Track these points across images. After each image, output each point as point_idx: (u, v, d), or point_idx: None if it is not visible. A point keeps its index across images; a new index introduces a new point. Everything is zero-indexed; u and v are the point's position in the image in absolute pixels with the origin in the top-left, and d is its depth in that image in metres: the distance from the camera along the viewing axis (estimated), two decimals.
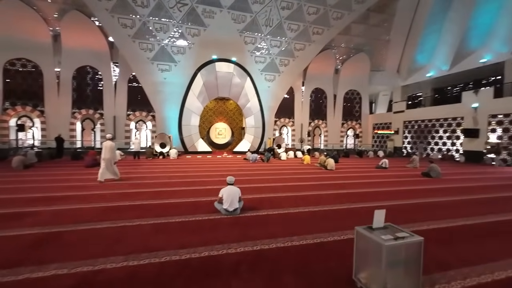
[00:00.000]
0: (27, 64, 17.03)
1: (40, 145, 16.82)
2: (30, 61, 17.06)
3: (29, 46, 16.63)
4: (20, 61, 16.86)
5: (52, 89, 17.62)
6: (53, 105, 17.66)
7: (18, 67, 16.84)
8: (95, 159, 9.44)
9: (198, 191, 5.74)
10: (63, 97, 17.89)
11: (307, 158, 12.08)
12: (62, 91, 17.83)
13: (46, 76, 17.42)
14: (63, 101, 17.89)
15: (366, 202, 4.99)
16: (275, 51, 19.64)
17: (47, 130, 17.61)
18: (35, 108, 17.30)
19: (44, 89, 17.44)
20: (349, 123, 24.54)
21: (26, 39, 16.44)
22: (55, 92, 17.71)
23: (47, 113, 17.58)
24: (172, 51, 17.93)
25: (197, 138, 17.60)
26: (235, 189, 4.12)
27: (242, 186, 6.14)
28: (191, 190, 5.77)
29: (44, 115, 17.54)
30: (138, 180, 6.98)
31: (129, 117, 19.44)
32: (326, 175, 8.50)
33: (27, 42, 16.51)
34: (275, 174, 8.45)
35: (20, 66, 16.89)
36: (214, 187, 5.83)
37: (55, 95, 17.72)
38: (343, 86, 23.94)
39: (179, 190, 5.76)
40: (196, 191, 5.74)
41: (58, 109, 17.76)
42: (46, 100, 17.52)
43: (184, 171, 8.80)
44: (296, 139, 22.78)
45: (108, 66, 18.76)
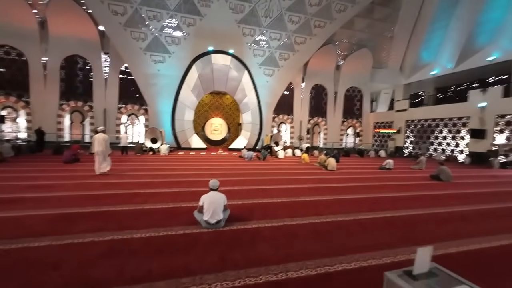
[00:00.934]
0: (10, 51, 16.03)
1: (25, 138, 15.96)
2: (14, 49, 16.05)
3: (13, 32, 15.60)
4: (3, 48, 15.85)
5: (38, 79, 16.64)
6: (39, 96, 16.70)
7: (1, 54, 15.82)
8: (74, 154, 8.63)
9: (181, 194, 4.98)
10: (50, 88, 16.93)
11: (306, 157, 11.36)
12: (49, 81, 16.87)
13: (32, 64, 16.43)
14: (50, 92, 16.93)
15: (375, 211, 4.26)
16: (274, 44, 18.78)
17: (32, 122, 16.64)
18: (19, 98, 16.34)
19: (30, 78, 16.46)
20: (349, 121, 23.83)
21: (9, 24, 15.41)
22: (42, 82, 16.74)
23: (32, 104, 16.63)
24: (166, 41, 17.00)
25: (191, 133, 16.79)
26: (219, 196, 3.36)
27: (233, 189, 5.43)
28: (173, 193, 5.01)
29: (30, 106, 16.58)
30: (115, 178, 6.20)
31: (120, 110, 18.54)
32: (326, 177, 7.78)
33: (11, 27, 15.49)
34: (271, 174, 7.71)
35: (3, 54, 15.88)
36: (200, 190, 5.07)
37: (42, 85, 16.76)
38: (344, 83, 23.16)
39: (158, 192, 5.00)
40: (178, 194, 4.98)
41: (44, 100, 16.81)
42: (31, 91, 16.55)
43: (172, 169, 8.03)
44: (295, 137, 22.04)
45: (98, 56, 17.79)
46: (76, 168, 7.61)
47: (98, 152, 6.67)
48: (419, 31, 20.32)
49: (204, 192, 3.47)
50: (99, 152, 6.68)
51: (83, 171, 7.13)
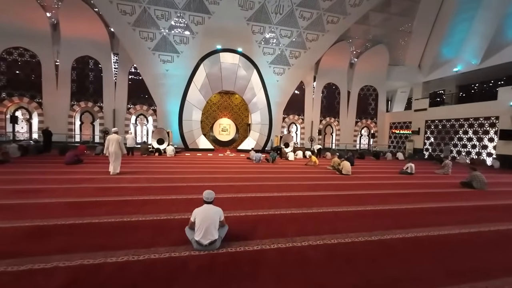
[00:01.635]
0: (24, 53, 16.32)
1: (34, 138, 16.17)
2: (27, 50, 16.34)
3: (26, 35, 15.89)
4: (17, 50, 16.16)
5: (51, 80, 16.87)
6: (51, 97, 16.93)
7: (15, 56, 16.15)
8: (76, 155, 8.37)
9: (178, 202, 4.46)
10: (62, 89, 17.12)
11: (314, 159, 10.67)
12: (60, 82, 17.07)
13: (45, 66, 16.67)
14: (61, 93, 17.13)
15: (402, 228, 3.55)
16: (285, 42, 18.12)
17: (45, 122, 16.86)
18: (32, 99, 16.61)
19: (42, 79, 16.71)
20: (363, 122, 22.72)
21: (23, 26, 15.69)
22: (54, 83, 16.96)
23: (45, 105, 16.87)
24: (175, 41, 16.77)
25: (199, 134, 16.41)
26: (214, 210, 2.79)
27: (236, 197, 4.85)
28: (169, 201, 4.50)
29: (42, 107, 16.82)
30: (111, 182, 5.79)
31: (129, 110, 18.50)
32: (341, 182, 7.05)
33: (24, 29, 15.76)
34: (280, 179, 7.07)
35: (17, 55, 16.19)
36: (200, 197, 4.56)
37: (54, 86, 16.98)
38: (358, 82, 22.11)
39: (153, 200, 4.50)
40: (174, 202, 4.46)
41: (56, 101, 17.02)
42: (44, 91, 16.79)
43: (174, 172, 7.57)
44: (306, 138, 21.24)
45: (108, 56, 17.84)
46: (76, 170, 7.31)
47: (111, 153, 6.82)
48: (440, 24, 18.99)
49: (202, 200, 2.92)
50: (112, 153, 6.83)
51: (82, 173, 6.81)
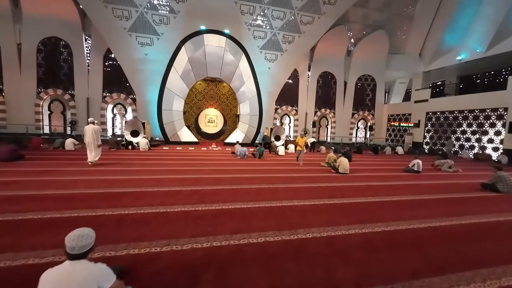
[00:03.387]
0: None
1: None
2: None
3: None
4: None
5: (13, 64, 14.91)
6: (14, 83, 15.01)
7: None
8: (14, 151, 6.80)
9: (102, 217, 3.05)
10: (26, 74, 15.19)
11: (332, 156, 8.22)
12: (24, 67, 15.12)
13: (4, 47, 14.68)
14: (26, 79, 15.20)
15: (441, 272, 2.24)
16: (277, 24, 16.47)
17: (7, 112, 15.06)
18: None
19: (3, 63, 14.73)
20: (360, 114, 21.48)
21: None
22: (17, 67, 15.00)
23: (6, 92, 14.96)
24: (154, 21, 14.94)
25: (181, 125, 14.86)
26: (83, 276, 1.36)
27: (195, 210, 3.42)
28: (91, 217, 3.08)
29: (4, 94, 14.92)
30: (36, 189, 4.33)
31: (105, 99, 16.73)
32: (339, 184, 5.74)
33: None
34: (263, 180, 5.70)
35: None
36: (149, 211, 3.19)
37: (17, 71, 15.02)
38: (355, 71, 20.73)
39: (57, 219, 3.07)
40: (98, 217, 3.05)
41: (20, 88, 15.12)
42: (5, 77, 14.85)
43: (132, 172, 6.14)
44: (299, 130, 19.91)
45: (80, 38, 15.91)
46: (10, 169, 5.79)
47: (88, 143, 6.74)
48: (445, 8, 17.60)
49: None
50: (88, 143, 6.75)
51: (9, 174, 5.30)
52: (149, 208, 3.43)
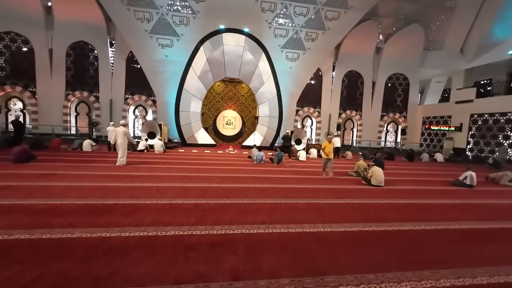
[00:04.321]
0: (16, 38, 15.20)
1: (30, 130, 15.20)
2: (20, 35, 15.20)
3: (17, 18, 14.67)
4: (8, 35, 15.07)
5: (45, 68, 15.69)
6: (45, 86, 15.78)
7: (6, 41, 15.08)
8: (26, 152, 6.70)
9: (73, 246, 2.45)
10: (56, 77, 15.92)
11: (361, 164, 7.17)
12: (55, 70, 15.85)
13: (38, 52, 15.49)
14: (56, 82, 15.92)
15: None
16: (300, 21, 15.56)
17: (39, 113, 15.87)
18: (26, 88, 15.56)
19: (36, 67, 15.57)
20: (390, 116, 19.65)
21: (13, 9, 14.46)
22: (48, 71, 15.78)
23: (39, 95, 15.78)
24: (174, 22, 14.84)
25: (198, 127, 14.50)
26: None
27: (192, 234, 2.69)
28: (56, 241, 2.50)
29: (36, 96, 15.75)
30: (13, 196, 3.94)
31: (127, 101, 17.01)
32: (373, 201, 4.70)
33: (15, 12, 14.54)
34: (281, 193, 4.86)
35: (9, 41, 15.12)
36: (122, 236, 2.56)
37: (48, 74, 15.81)
38: (385, 69, 19.04)
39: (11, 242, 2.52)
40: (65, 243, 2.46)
41: (50, 91, 15.87)
42: (38, 80, 15.67)
43: (135, 178, 5.66)
44: (322, 133, 18.66)
45: (104, 42, 16.34)
46: (14, 172, 5.60)
47: (119, 144, 6.97)
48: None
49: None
50: (121, 144, 6.96)
51: (7, 178, 5.06)
52: (135, 230, 2.79)
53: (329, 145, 6.96)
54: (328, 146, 6.95)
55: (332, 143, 7.12)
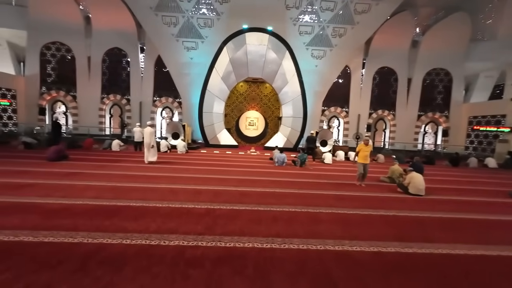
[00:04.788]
0: (61, 47, 16.71)
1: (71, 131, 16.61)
2: (63, 45, 16.67)
3: (62, 29, 16.10)
4: (54, 45, 16.62)
5: (84, 73, 17.00)
6: (84, 90, 17.09)
7: (53, 50, 16.65)
8: (60, 151, 7.11)
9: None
10: (94, 82, 17.13)
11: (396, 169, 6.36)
12: (92, 75, 17.10)
13: (78, 59, 16.83)
14: (93, 86, 17.15)
15: None
16: (326, 17, 14.78)
17: (78, 115, 17.25)
18: (68, 93, 17.02)
19: (77, 73, 16.95)
20: (429, 115, 17.78)
21: (59, 21, 15.88)
22: (86, 76, 17.07)
23: (78, 98, 17.14)
24: (199, 24, 15.06)
25: (221, 128, 14.48)
26: None
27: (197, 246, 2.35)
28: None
29: (76, 100, 17.14)
30: (30, 195, 4.02)
31: (155, 103, 17.71)
32: (412, 213, 4.01)
33: (60, 24, 15.96)
34: (302, 200, 4.40)
35: (55, 50, 16.68)
36: (124, 243, 2.36)
37: (86, 79, 17.09)
38: (423, 64, 17.30)
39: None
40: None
41: (88, 94, 17.14)
42: (78, 85, 17.04)
43: (151, 179, 5.61)
44: (350, 134, 17.53)
45: (135, 47, 17.21)
46: (45, 169, 5.91)
47: (147, 144, 7.48)
48: None
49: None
50: (146, 143, 7.50)
51: (37, 176, 5.31)
52: (138, 237, 2.58)
53: (365, 148, 5.95)
54: (364, 149, 5.95)
55: (369, 145, 5.98)
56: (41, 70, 16.55)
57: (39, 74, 16.54)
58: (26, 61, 16.49)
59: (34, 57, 16.32)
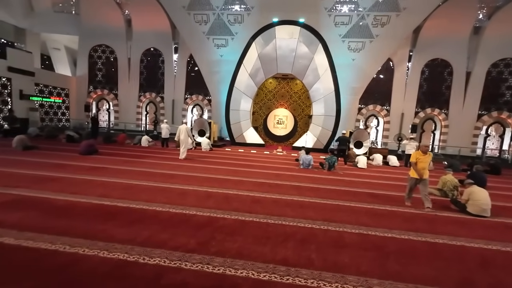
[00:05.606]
0: (106, 49, 18.16)
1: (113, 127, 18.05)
2: (108, 47, 18.08)
3: (107, 32, 17.48)
4: (100, 47, 18.12)
5: (124, 73, 18.23)
6: (124, 89, 18.35)
7: (99, 53, 18.19)
8: (91, 145, 7.47)
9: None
10: (133, 81, 18.28)
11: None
12: (132, 75, 18.25)
13: (120, 60, 18.10)
14: (132, 85, 18.31)
15: None
16: (367, 4, 13.38)
17: (119, 112, 18.61)
18: (110, 91, 18.46)
19: (118, 73, 18.27)
20: (493, 115, 14.95)
21: (104, 25, 17.27)
22: (126, 76, 18.28)
23: (119, 97, 18.47)
24: (229, 21, 14.92)
25: (247, 126, 14.12)
26: None
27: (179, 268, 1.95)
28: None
29: (118, 98, 18.50)
30: (50, 190, 4.02)
31: (186, 101, 18.19)
32: (473, 244, 3.02)
33: (106, 28, 17.34)
34: (324, 213, 3.71)
35: (100, 52, 18.19)
36: (103, 257, 2.05)
37: (126, 79, 18.31)
38: (488, 54, 14.60)
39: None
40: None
41: (128, 93, 18.36)
42: (119, 84, 18.36)
43: (164, 177, 5.42)
44: (391, 136, 15.67)
45: (170, 47, 17.85)
46: (72, 163, 6.18)
47: (181, 140, 8.07)
48: None
49: None
50: (181, 140, 8.07)
51: (63, 169, 5.51)
52: (119, 250, 2.25)
53: (423, 158, 4.34)
54: (422, 159, 4.34)
55: (429, 154, 4.43)
56: (89, 71, 18.22)
57: (88, 75, 18.23)
58: (77, 63, 18.31)
59: (83, 59, 18.02)
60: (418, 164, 4.34)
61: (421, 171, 4.28)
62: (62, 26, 17.38)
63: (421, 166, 4.32)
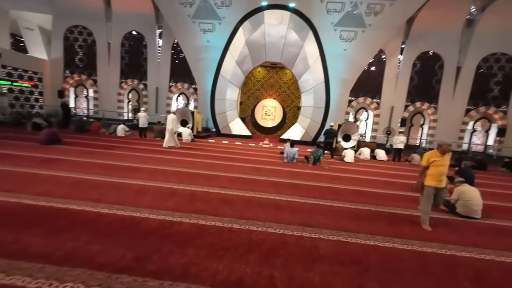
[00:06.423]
0: (83, 31, 16.83)
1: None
2: (85, 28, 16.75)
3: (84, 13, 16.12)
4: (77, 28, 16.77)
5: (104, 57, 17.03)
6: (104, 74, 17.20)
7: (75, 34, 16.84)
8: (53, 134, 6.72)
9: None
10: (113, 66, 17.13)
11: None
12: (112, 59, 17.08)
13: (99, 43, 16.86)
14: (112, 70, 17.18)
15: None
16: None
17: (99, 99, 17.51)
18: (89, 77, 17.27)
19: (97, 57, 17.05)
20: (481, 110, 14.94)
21: (81, 5, 15.87)
22: (106, 60, 17.09)
23: (99, 83, 17.33)
24: (215, 3, 13.99)
25: (233, 117, 13.52)
26: None
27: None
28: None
29: (97, 84, 17.35)
30: None
31: (171, 89, 17.28)
32: (470, 254, 2.69)
33: (83, 8, 15.94)
34: (304, 215, 3.29)
35: (77, 34, 16.85)
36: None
37: (106, 63, 17.13)
38: (479, 48, 14.42)
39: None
40: None
41: (108, 78, 17.23)
42: (98, 69, 17.18)
43: (128, 171, 4.85)
44: (380, 129, 15.49)
45: (153, 30, 16.72)
46: (25, 154, 5.48)
47: (167, 129, 8.11)
48: None
49: None
50: (168, 129, 8.10)
51: (13, 161, 4.83)
52: (22, 271, 1.71)
53: (441, 160, 3.16)
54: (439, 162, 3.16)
55: (448, 155, 3.19)
56: (65, 54, 16.91)
57: (63, 58, 16.93)
58: (52, 45, 16.93)
59: (58, 41, 16.67)
60: (433, 168, 3.17)
61: (438, 178, 3.17)
62: (33, 3, 15.84)
63: (438, 171, 3.15)
